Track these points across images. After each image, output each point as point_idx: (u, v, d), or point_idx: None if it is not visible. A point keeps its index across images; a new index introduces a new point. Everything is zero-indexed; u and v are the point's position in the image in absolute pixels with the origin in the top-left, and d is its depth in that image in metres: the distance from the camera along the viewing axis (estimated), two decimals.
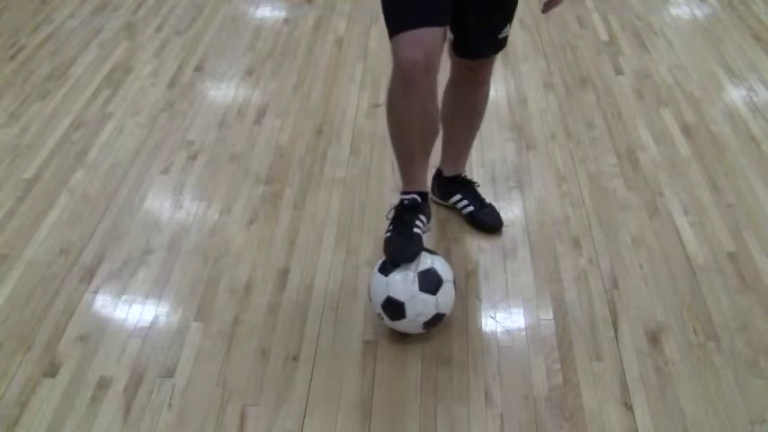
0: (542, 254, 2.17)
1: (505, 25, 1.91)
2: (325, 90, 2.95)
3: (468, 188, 2.29)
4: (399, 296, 1.80)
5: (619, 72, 3.03)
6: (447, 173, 2.30)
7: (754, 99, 2.85)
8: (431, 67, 1.71)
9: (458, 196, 2.28)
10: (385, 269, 1.85)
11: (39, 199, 2.43)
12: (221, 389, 1.80)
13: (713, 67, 3.05)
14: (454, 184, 2.29)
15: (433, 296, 1.80)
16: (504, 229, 2.25)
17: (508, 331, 1.94)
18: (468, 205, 2.27)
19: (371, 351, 1.89)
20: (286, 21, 3.49)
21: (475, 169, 2.49)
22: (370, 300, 1.88)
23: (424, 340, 1.91)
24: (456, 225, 2.27)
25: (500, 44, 1.95)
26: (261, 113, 2.82)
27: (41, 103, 2.92)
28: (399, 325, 1.85)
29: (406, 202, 1.93)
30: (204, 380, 1.83)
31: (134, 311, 2.02)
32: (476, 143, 2.30)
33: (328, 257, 2.17)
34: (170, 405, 1.77)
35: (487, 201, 2.29)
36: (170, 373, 1.85)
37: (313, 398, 1.78)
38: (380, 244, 2.06)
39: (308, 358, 1.87)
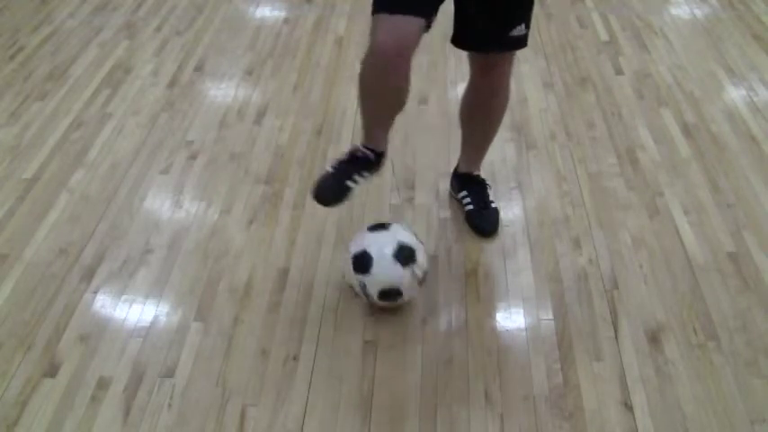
0: (542, 254, 2.17)
1: (518, 23, 1.84)
2: (325, 90, 2.95)
3: (475, 187, 2.30)
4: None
5: (619, 72, 3.03)
6: (461, 169, 2.33)
7: (754, 99, 2.85)
8: (401, 54, 1.70)
9: (464, 192, 2.30)
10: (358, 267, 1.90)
11: (39, 199, 2.43)
12: (221, 389, 1.80)
13: (713, 67, 3.05)
14: (464, 181, 2.32)
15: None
16: (504, 229, 2.25)
17: (508, 331, 1.94)
18: (469, 203, 2.28)
19: (371, 351, 1.89)
20: (286, 21, 3.49)
21: None
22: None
23: (424, 340, 1.91)
24: (456, 225, 2.27)
25: (511, 43, 1.88)
26: (261, 113, 2.82)
27: (41, 103, 2.92)
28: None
29: (359, 154, 1.94)
30: (204, 380, 1.83)
31: (134, 311, 2.02)
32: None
33: (328, 257, 2.17)
34: (170, 405, 1.77)
35: (493, 204, 2.29)
36: (170, 372, 1.85)
37: (313, 398, 1.78)
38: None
39: (308, 358, 1.87)
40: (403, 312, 1.99)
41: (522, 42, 1.90)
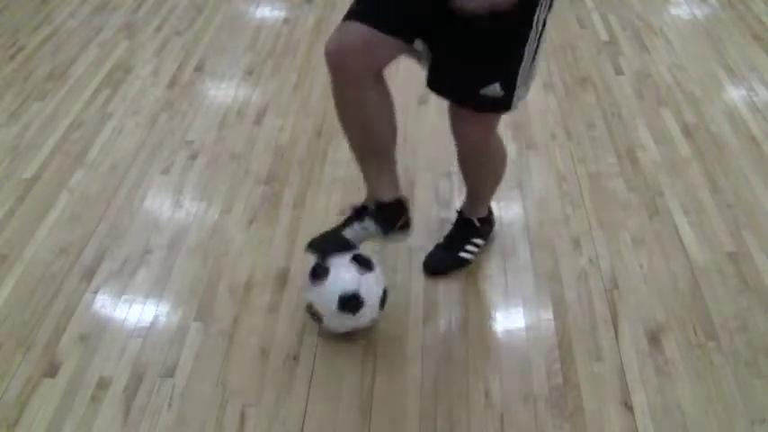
0: (542, 254, 2.17)
1: (490, 81, 1.54)
2: (325, 90, 2.95)
3: (457, 227, 2.12)
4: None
5: (619, 72, 3.03)
6: (461, 208, 2.14)
7: (754, 99, 2.85)
8: (344, 62, 1.53)
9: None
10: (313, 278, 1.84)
11: (39, 199, 2.43)
12: (221, 389, 1.80)
13: (713, 67, 3.05)
14: (456, 220, 2.14)
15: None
16: (504, 228, 2.25)
17: (508, 331, 1.94)
18: (439, 240, 2.12)
19: (371, 351, 1.89)
20: (286, 21, 3.49)
21: None
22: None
23: (424, 340, 1.91)
24: None
25: (482, 102, 1.58)
26: (261, 113, 2.82)
27: (41, 103, 2.92)
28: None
29: (357, 208, 1.87)
30: (204, 380, 1.83)
31: (134, 311, 2.02)
32: None
33: None
34: (170, 405, 1.77)
35: (464, 254, 2.08)
36: (170, 373, 1.85)
37: (313, 398, 1.78)
38: (380, 244, 2.07)
39: (308, 358, 1.87)
40: (403, 312, 1.99)
41: (497, 105, 1.59)
